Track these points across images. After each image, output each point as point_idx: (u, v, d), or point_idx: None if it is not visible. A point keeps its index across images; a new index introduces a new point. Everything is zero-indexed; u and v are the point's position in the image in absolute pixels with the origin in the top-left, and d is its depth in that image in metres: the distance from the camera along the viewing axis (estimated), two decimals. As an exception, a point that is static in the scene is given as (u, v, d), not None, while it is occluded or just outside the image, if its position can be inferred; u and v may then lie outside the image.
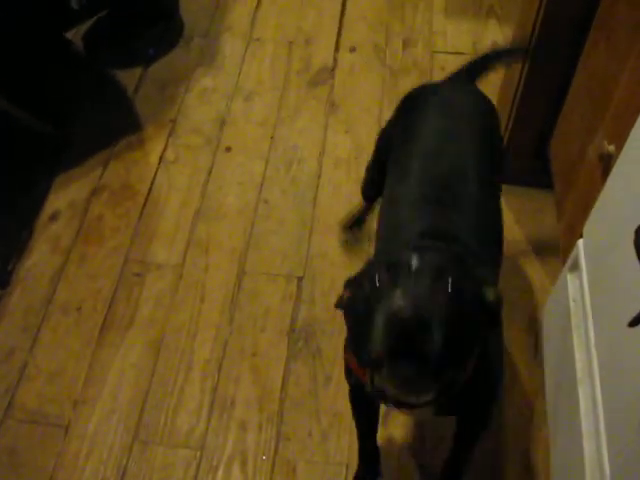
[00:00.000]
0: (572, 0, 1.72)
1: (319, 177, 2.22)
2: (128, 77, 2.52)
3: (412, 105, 1.60)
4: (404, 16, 2.73)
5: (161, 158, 2.27)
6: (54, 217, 2.12)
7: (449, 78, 1.76)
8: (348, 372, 1.39)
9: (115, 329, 1.89)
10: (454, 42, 2.62)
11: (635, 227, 1.05)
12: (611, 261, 1.42)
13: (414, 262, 1.02)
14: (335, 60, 2.58)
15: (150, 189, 2.18)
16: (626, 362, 1.26)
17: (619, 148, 1.44)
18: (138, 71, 2.54)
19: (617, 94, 1.56)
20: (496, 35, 2.64)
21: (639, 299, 1.05)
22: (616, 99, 1.57)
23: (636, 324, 1.00)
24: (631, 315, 1.04)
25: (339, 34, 2.67)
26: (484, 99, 1.65)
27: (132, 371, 1.81)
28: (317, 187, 2.19)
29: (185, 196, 2.17)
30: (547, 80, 1.94)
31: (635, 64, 1.43)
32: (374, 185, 1.79)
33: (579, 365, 1.51)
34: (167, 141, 2.31)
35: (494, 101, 2.23)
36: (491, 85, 2.35)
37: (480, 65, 1.77)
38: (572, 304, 1.60)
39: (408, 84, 2.48)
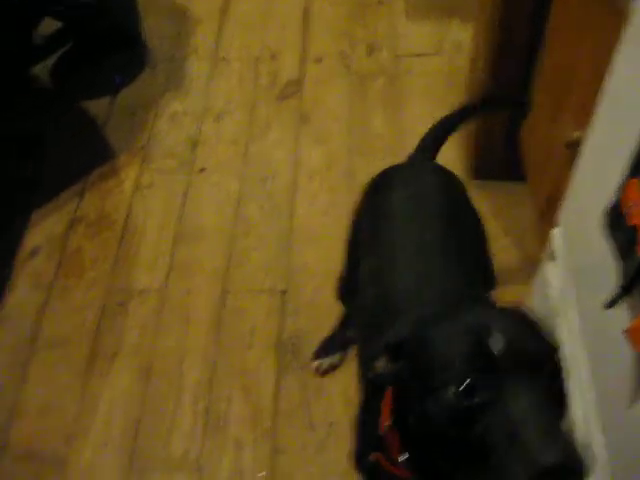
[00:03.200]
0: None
1: (295, 190, 2.22)
2: (97, 107, 2.52)
3: (375, 191, 1.50)
4: (366, 22, 2.74)
5: (136, 185, 2.27)
6: (34, 253, 2.11)
7: (408, 157, 1.67)
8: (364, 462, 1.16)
9: (102, 359, 1.88)
10: (418, 44, 2.64)
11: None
12: (587, 247, 1.43)
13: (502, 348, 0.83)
14: (302, 72, 2.59)
15: (127, 216, 2.18)
16: (611, 346, 1.26)
17: (585, 134, 1.46)
18: (106, 100, 2.54)
19: (577, 82, 1.58)
20: (460, 34, 2.65)
21: (614, 281, 1.06)
22: (577, 87, 1.59)
23: (612, 305, 1.00)
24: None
25: (304, 46, 2.68)
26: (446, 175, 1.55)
27: (123, 399, 1.81)
28: (293, 200, 2.19)
29: (163, 220, 2.17)
30: (513, 72, 1.96)
31: (589, 54, 1.45)
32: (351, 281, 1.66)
33: (566, 353, 1.51)
34: (141, 167, 2.31)
35: (461, 96, 2.26)
36: (458, 85, 2.39)
37: (441, 131, 1.71)
38: (554, 293, 1.61)
39: (376, 89, 2.51)
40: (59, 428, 1.77)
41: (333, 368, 1.82)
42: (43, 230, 2.17)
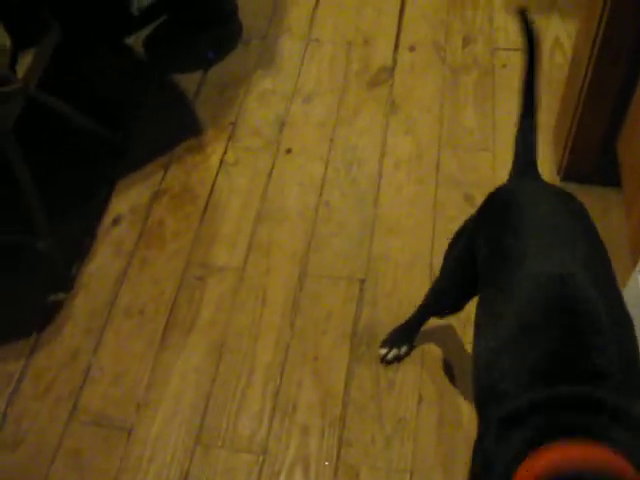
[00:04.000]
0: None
1: (380, 178, 2.19)
2: (188, 81, 2.53)
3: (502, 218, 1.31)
4: (464, 13, 2.68)
5: (221, 161, 2.27)
6: (116, 221, 2.14)
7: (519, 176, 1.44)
8: None
9: (177, 332, 1.89)
10: (515, 38, 2.56)
11: None
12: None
13: None
14: (394, 59, 2.54)
15: (211, 192, 2.19)
16: None
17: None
18: (198, 75, 2.55)
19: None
20: (559, 30, 2.57)
21: None
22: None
23: None
24: None
25: (398, 33, 2.64)
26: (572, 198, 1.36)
27: (194, 374, 1.81)
28: (378, 188, 2.16)
29: (246, 199, 2.16)
30: (613, 77, 1.88)
31: None
32: (448, 297, 1.55)
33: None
34: (227, 144, 2.31)
35: (559, 98, 2.19)
36: (555, 82, 2.31)
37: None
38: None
39: (469, 82, 2.45)
40: (130, 396, 1.79)
41: (399, 359, 1.79)
42: (127, 199, 2.19)
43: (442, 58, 2.53)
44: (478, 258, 1.30)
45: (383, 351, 1.78)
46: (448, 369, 1.78)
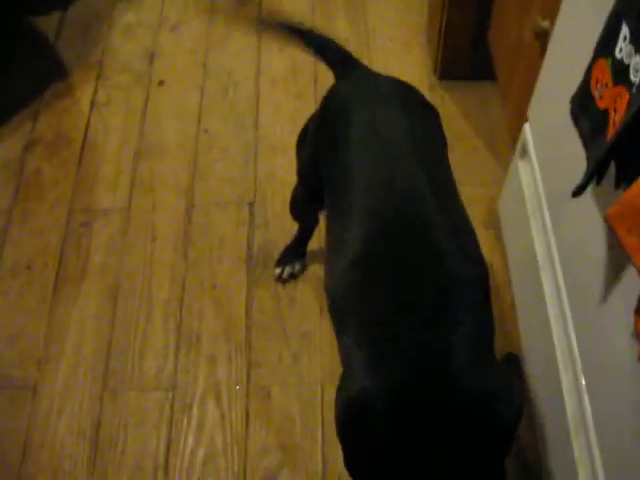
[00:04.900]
0: None
1: (258, 99, 2.14)
2: (47, 22, 2.40)
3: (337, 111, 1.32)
4: None
5: (92, 102, 2.18)
6: (-10, 178, 2.04)
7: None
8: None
9: (69, 283, 1.83)
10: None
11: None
12: (556, 138, 1.39)
13: None
14: (260, -25, 2.47)
15: (85, 135, 2.10)
16: (583, 240, 1.24)
17: (553, 22, 1.40)
18: (57, 15, 2.42)
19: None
20: None
21: (584, 171, 1.02)
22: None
23: (579, 194, 0.97)
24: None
25: (260, -53, 2.56)
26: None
27: (92, 322, 1.77)
28: (257, 109, 2.12)
29: (122, 137, 2.09)
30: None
31: None
32: (307, 199, 1.54)
33: (539, 251, 1.49)
34: (96, 83, 2.22)
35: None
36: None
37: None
38: (526, 191, 1.58)
39: (338, -10, 2.40)
40: (29, 354, 1.74)
41: (294, 277, 1.80)
42: (-1, 154, 2.09)
43: (308, -32, 2.47)
44: (321, 167, 1.30)
45: (277, 270, 1.78)
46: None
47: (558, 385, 1.31)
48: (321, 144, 1.32)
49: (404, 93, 1.34)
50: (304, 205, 1.59)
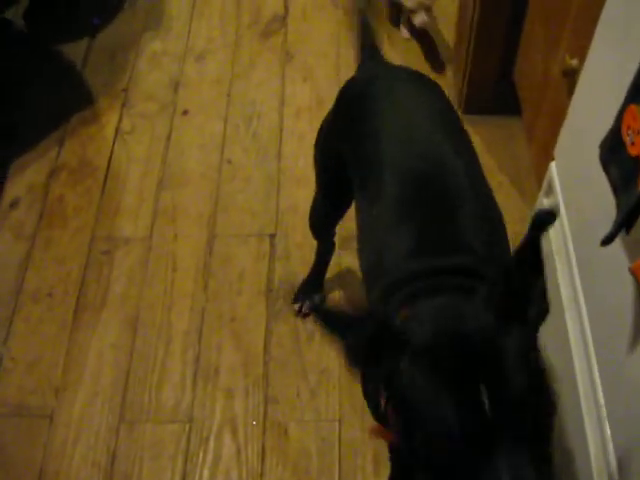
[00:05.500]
0: None
1: (281, 130, 2.15)
2: (75, 50, 2.42)
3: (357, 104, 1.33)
4: (352, -47, 2.62)
5: (117, 130, 2.19)
6: (14, 204, 2.05)
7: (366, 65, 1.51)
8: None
9: (89, 311, 1.83)
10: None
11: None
12: (584, 180, 1.37)
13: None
14: (286, 7, 2.49)
15: (109, 163, 2.11)
16: (607, 282, 1.22)
17: (582, 61, 1.38)
18: (84, 42, 2.44)
19: (574, 6, 1.50)
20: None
21: (612, 217, 1.00)
22: (574, 11, 1.51)
23: (608, 243, 0.95)
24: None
25: (288, -21, 2.58)
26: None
27: (111, 351, 1.76)
28: (280, 140, 2.12)
29: (146, 166, 2.10)
30: (502, 7, 1.88)
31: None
32: (328, 206, 1.54)
33: (564, 291, 1.47)
34: (121, 111, 2.23)
35: (453, 32, 2.17)
36: (447, 14, 2.30)
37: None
38: (551, 230, 1.56)
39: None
40: (47, 382, 1.74)
41: (314, 309, 1.79)
42: (23, 180, 2.09)
43: (334, 1, 2.48)
44: (346, 160, 1.30)
45: (297, 305, 1.77)
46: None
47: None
48: (343, 126, 1.34)
49: (416, 74, 1.39)
50: (324, 213, 1.58)
